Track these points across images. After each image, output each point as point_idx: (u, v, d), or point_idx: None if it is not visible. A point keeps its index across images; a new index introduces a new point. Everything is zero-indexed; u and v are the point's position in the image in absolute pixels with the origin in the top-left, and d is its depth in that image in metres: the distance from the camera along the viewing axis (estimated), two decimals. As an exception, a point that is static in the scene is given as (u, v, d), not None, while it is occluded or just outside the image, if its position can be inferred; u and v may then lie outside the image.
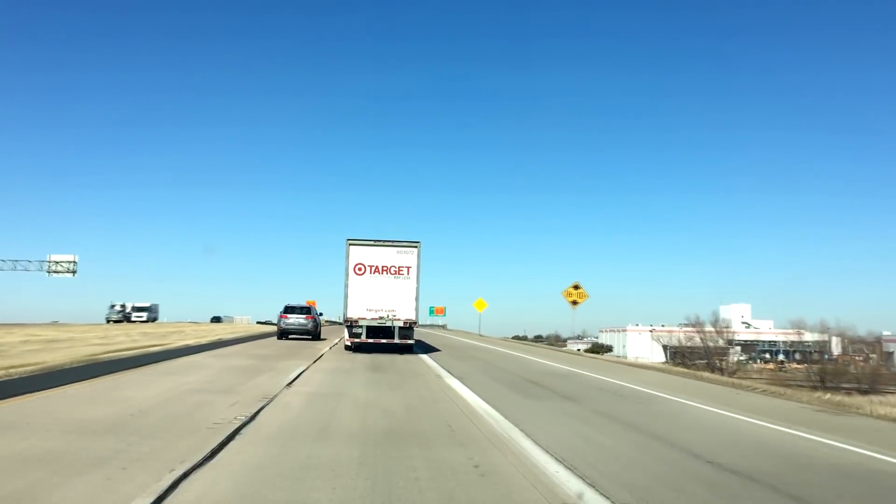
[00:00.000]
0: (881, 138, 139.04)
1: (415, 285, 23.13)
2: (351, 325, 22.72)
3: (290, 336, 31.53)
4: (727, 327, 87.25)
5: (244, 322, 78.42)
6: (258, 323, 77.16)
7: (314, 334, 31.74)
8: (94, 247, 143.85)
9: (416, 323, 23.35)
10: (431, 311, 78.71)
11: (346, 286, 22.70)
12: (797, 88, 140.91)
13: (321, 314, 34.90)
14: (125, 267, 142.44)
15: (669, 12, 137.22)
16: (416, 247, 23.34)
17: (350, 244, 22.88)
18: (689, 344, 65.68)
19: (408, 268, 23.12)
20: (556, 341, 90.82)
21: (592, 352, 75.21)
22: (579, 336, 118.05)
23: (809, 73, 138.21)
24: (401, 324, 22.88)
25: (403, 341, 23.13)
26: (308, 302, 37.72)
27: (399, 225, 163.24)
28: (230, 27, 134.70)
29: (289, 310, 31.69)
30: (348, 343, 23.05)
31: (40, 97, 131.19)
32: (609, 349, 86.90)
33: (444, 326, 79.42)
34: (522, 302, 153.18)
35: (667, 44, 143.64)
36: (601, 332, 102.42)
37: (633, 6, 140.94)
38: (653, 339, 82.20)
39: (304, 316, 31.54)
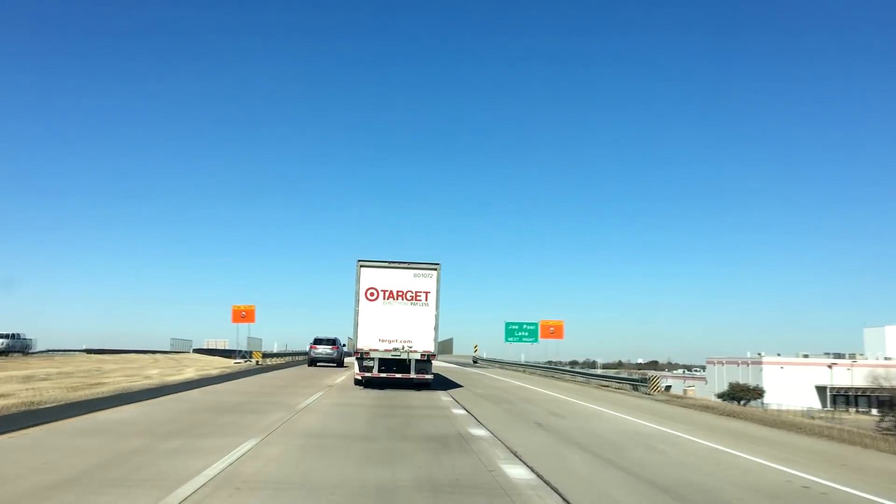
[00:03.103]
0: None
1: (434, 313, 20.65)
2: (361, 356, 20.51)
3: (318, 364, 35.68)
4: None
5: (206, 352, 59.01)
6: (199, 351, 57.87)
7: (338, 362, 35.80)
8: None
9: (434, 355, 20.86)
10: (517, 333, 49.41)
11: (357, 313, 20.54)
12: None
13: (344, 345, 38.70)
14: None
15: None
16: (435, 269, 20.85)
17: (361, 266, 20.73)
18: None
19: (426, 293, 20.66)
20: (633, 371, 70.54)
21: (733, 398, 58.41)
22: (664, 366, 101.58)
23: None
24: (417, 356, 20.48)
25: (420, 376, 20.69)
26: (235, 306, 39.20)
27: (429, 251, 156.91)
28: (239, 48, 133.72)
29: (317, 342, 36.18)
30: (358, 377, 20.85)
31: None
32: (758, 393, 63.34)
33: (573, 364, 48.16)
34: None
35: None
36: (709, 362, 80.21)
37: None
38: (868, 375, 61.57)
39: (330, 347, 35.81)
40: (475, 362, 55.36)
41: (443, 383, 25.13)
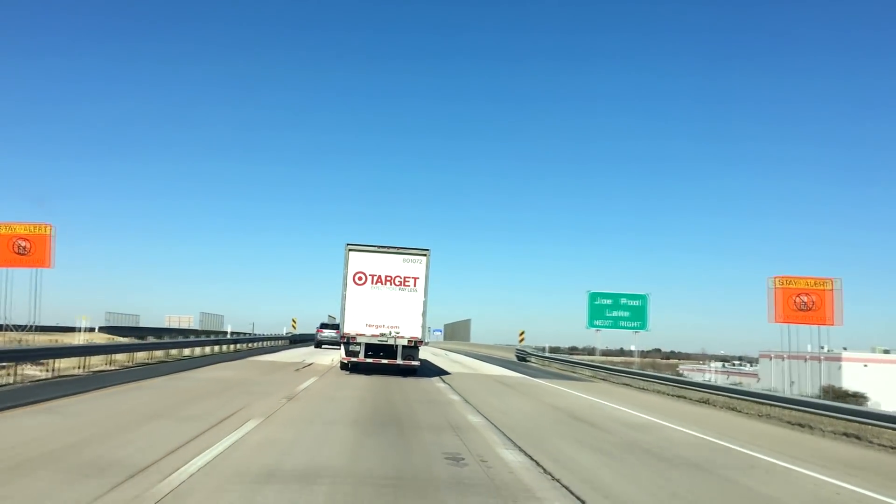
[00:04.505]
0: None
1: (422, 299, 20.43)
2: (348, 341, 20.44)
3: (323, 346, 37.99)
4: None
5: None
6: (114, 332, 41.58)
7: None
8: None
9: (422, 342, 20.71)
10: (607, 314, 31.66)
11: (344, 297, 20.48)
12: None
13: None
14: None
15: None
16: (425, 255, 20.57)
17: (350, 249, 20.62)
18: None
19: (415, 279, 20.43)
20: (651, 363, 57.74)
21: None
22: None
23: None
24: (405, 342, 20.31)
25: (407, 362, 20.51)
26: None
27: (412, 234, 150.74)
28: (228, 28, 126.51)
29: (323, 326, 39.56)
30: (345, 361, 20.81)
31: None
32: (859, 398, 45.52)
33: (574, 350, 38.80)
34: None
35: None
36: (762, 356, 68.76)
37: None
38: None
39: (334, 331, 36.85)
40: (522, 360, 39.15)
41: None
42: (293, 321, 48.10)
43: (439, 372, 24.91)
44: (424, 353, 38.20)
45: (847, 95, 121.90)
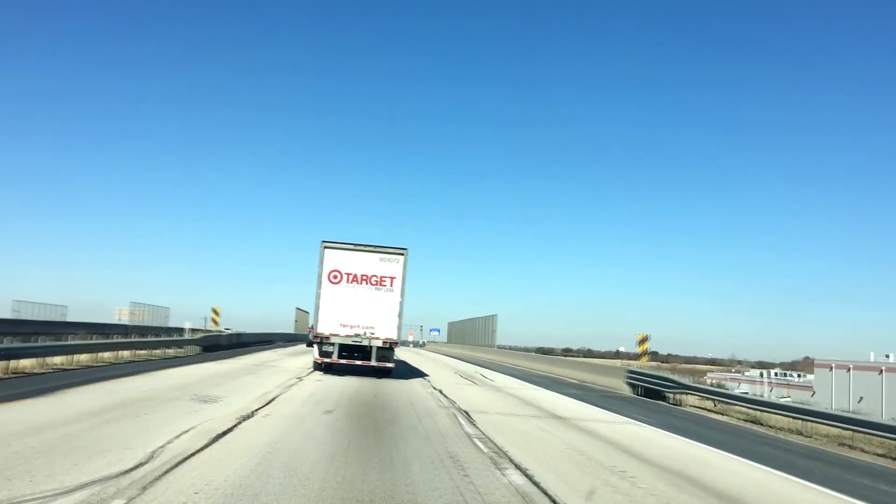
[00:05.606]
0: None
1: (398, 299, 19.77)
2: (322, 341, 19.83)
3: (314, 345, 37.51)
4: None
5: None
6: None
7: None
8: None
9: (397, 343, 19.91)
10: None
11: (318, 296, 19.95)
12: None
13: None
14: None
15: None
16: (402, 254, 19.94)
17: (325, 247, 20.12)
18: None
19: (392, 278, 19.79)
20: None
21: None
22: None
23: None
24: (379, 343, 19.66)
25: (381, 364, 19.90)
26: None
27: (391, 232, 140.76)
28: (228, 25, 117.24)
29: None
30: (318, 361, 20.22)
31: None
32: None
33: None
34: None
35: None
36: (818, 366, 61.34)
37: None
38: None
39: None
40: (655, 395, 21.26)
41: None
42: (214, 312, 33.75)
43: None
44: (441, 369, 33.22)
45: None
